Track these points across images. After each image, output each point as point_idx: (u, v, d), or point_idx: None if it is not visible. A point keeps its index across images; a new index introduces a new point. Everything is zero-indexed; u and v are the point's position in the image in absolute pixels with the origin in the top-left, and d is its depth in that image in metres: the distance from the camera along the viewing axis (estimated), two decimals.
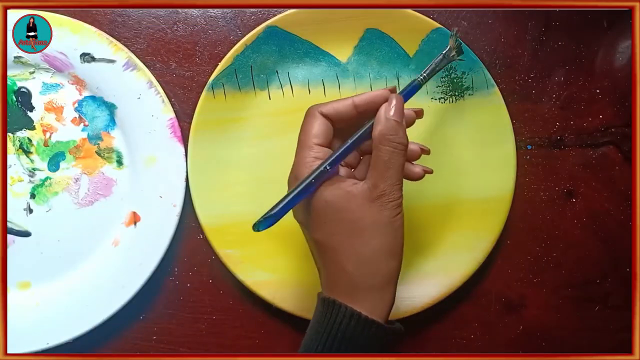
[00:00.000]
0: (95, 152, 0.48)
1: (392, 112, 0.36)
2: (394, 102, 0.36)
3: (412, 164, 0.39)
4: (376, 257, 0.35)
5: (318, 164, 0.36)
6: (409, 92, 0.39)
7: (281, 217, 0.33)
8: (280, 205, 0.34)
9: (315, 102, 0.48)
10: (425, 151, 0.40)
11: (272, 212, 0.33)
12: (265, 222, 0.33)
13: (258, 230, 0.34)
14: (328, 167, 0.35)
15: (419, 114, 0.40)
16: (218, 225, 0.47)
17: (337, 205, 0.35)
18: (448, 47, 0.42)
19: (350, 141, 0.37)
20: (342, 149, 0.36)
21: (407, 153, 0.36)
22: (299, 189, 0.35)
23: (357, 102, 0.37)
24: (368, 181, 0.35)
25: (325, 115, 0.37)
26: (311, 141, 0.36)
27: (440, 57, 0.41)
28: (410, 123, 0.39)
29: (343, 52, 0.49)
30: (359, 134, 0.37)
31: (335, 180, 0.36)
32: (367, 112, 0.37)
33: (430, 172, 0.40)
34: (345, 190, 0.35)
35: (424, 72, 0.41)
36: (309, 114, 0.38)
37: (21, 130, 0.48)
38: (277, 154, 0.49)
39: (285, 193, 0.48)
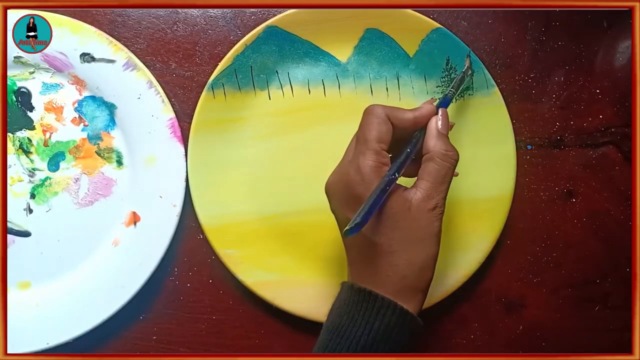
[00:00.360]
0: (95, 152, 0.48)
1: (440, 125, 0.39)
2: (440, 115, 0.40)
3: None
4: (429, 264, 0.37)
5: (384, 169, 0.37)
6: (444, 105, 0.42)
7: (366, 222, 0.34)
8: (364, 212, 0.34)
9: (315, 102, 0.49)
10: None
11: (358, 220, 0.34)
12: (355, 228, 0.34)
13: (347, 237, 0.35)
14: (397, 175, 0.37)
15: (451, 127, 0.43)
16: (218, 225, 0.47)
17: (399, 212, 0.36)
18: (466, 66, 0.47)
19: (408, 151, 0.38)
20: (404, 159, 0.38)
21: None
22: (376, 195, 0.35)
23: (419, 118, 0.39)
24: (422, 191, 0.37)
25: (389, 118, 0.38)
26: (379, 145, 0.37)
27: (461, 75, 0.46)
28: None
29: (343, 52, 0.49)
30: (414, 144, 0.39)
31: (395, 189, 0.37)
32: (418, 125, 0.40)
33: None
34: (403, 198, 0.37)
35: (451, 88, 0.44)
36: (375, 115, 0.38)
37: (21, 130, 0.48)
38: (277, 154, 0.49)
39: (286, 191, 0.48)
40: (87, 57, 0.47)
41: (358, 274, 0.38)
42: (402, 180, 0.38)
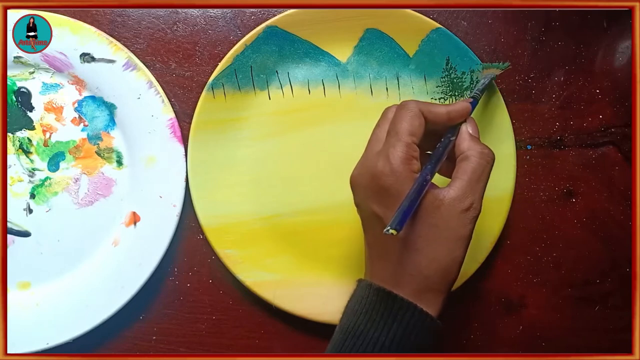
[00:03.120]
0: (95, 152, 0.48)
1: (471, 130, 0.39)
2: (469, 122, 0.39)
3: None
4: (454, 267, 0.36)
5: (414, 162, 0.36)
6: (472, 106, 0.41)
7: (402, 227, 0.32)
8: (398, 219, 0.32)
9: (315, 102, 0.49)
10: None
11: (395, 226, 0.32)
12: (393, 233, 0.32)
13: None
14: (430, 177, 0.36)
15: None
16: (218, 225, 0.47)
17: (428, 210, 0.35)
18: (494, 75, 0.46)
19: (440, 151, 0.38)
20: (436, 161, 0.37)
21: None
22: (410, 199, 0.34)
23: (452, 113, 0.39)
24: (456, 190, 0.36)
25: (424, 116, 0.38)
26: (410, 138, 0.36)
27: (489, 80, 0.46)
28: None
29: (343, 52, 0.49)
30: (445, 145, 0.38)
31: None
32: (452, 121, 0.39)
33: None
34: (434, 195, 0.35)
35: (477, 91, 0.44)
36: (408, 109, 0.37)
37: (21, 130, 0.48)
38: (277, 154, 0.49)
39: (286, 191, 0.48)
40: (87, 57, 0.47)
41: (378, 272, 0.37)
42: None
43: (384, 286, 0.36)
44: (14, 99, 0.48)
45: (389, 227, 0.32)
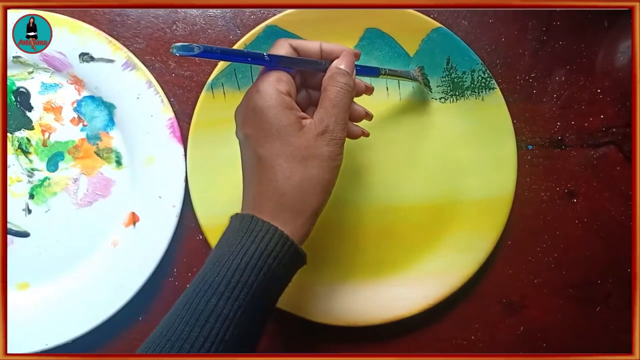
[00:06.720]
0: (94, 152, 0.48)
1: (342, 65, 0.39)
2: (345, 57, 0.39)
3: (354, 124, 0.41)
4: (311, 187, 0.37)
5: (283, 85, 0.37)
6: (364, 69, 0.42)
7: (203, 56, 0.34)
8: (213, 52, 0.35)
9: None
10: (369, 116, 0.42)
11: (202, 50, 0.33)
12: (185, 48, 0.33)
13: (174, 52, 0.34)
14: (267, 57, 0.37)
15: (369, 90, 0.43)
16: (217, 225, 0.47)
17: (288, 130, 0.36)
18: (415, 69, 0.48)
19: (302, 58, 0.39)
20: (292, 57, 0.38)
21: (351, 112, 0.40)
22: (234, 52, 0.37)
23: (324, 47, 0.40)
24: (315, 117, 0.37)
25: (294, 48, 0.39)
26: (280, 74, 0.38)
27: (405, 71, 0.46)
28: (358, 93, 0.42)
29: None
30: (313, 61, 0.39)
31: (291, 106, 0.37)
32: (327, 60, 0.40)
33: (367, 135, 0.42)
34: (297, 117, 0.37)
35: (386, 68, 0.44)
36: (278, 45, 0.39)
37: (20, 130, 0.48)
38: None
39: None
40: (86, 57, 0.47)
41: (246, 200, 0.38)
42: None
43: (248, 211, 0.37)
44: (13, 99, 0.48)
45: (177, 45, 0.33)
